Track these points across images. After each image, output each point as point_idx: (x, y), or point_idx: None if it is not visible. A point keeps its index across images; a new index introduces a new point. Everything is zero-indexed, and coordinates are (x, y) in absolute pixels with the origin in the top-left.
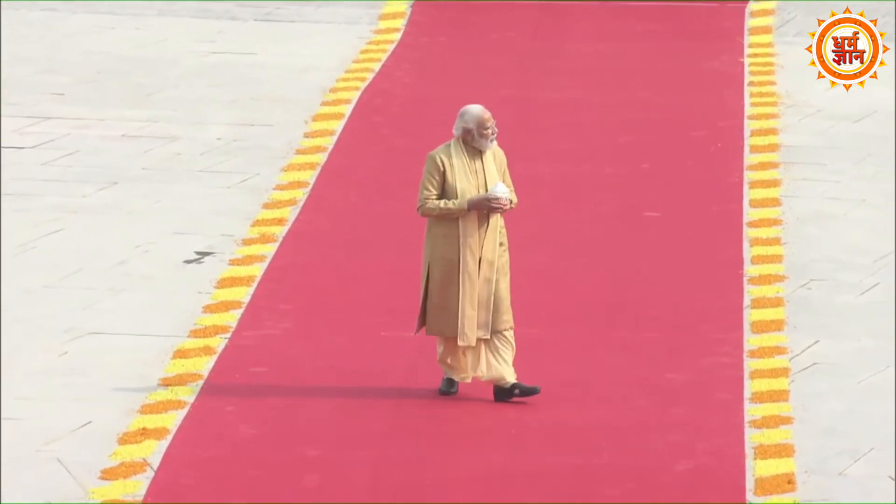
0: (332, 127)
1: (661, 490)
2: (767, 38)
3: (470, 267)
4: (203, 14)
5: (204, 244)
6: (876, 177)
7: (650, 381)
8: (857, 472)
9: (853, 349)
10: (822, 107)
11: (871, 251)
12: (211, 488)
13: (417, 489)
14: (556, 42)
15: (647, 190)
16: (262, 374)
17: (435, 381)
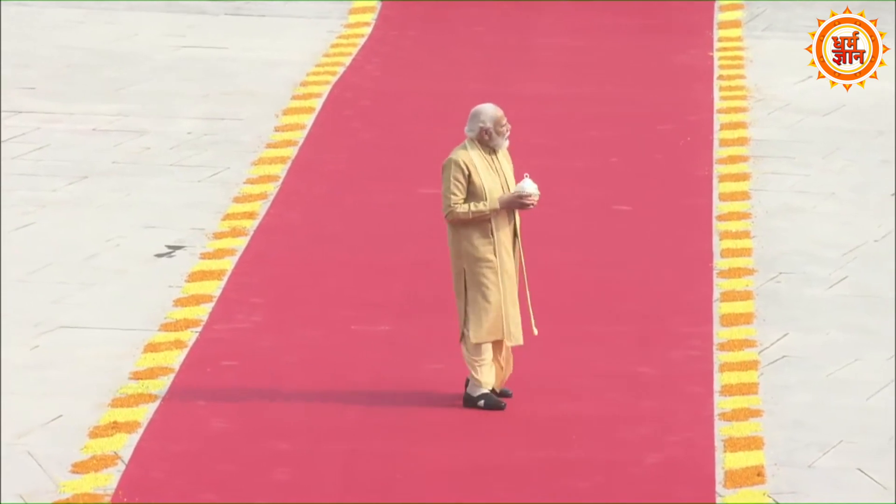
0: (303, 121)
1: (631, 483)
2: (737, 32)
3: (507, 266)
4: (173, 8)
5: (174, 238)
6: (844, 170)
7: (621, 374)
8: (826, 464)
9: (822, 342)
10: (790, 101)
11: (840, 244)
12: (182, 482)
13: (389, 483)
14: (526, 36)
15: (616, 184)
16: (233, 367)
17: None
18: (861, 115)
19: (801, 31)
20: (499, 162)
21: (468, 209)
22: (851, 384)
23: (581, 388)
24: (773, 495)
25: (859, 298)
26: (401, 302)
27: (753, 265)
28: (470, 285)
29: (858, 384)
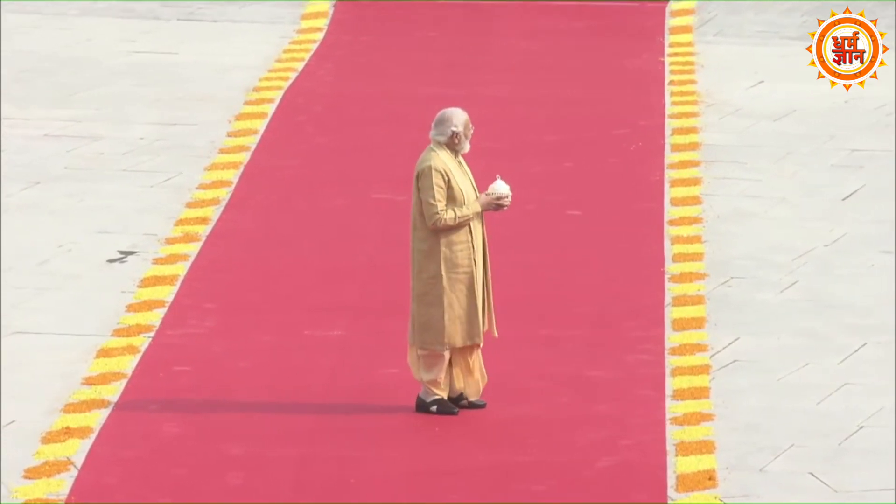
0: (256, 126)
1: (584, 486)
2: (688, 37)
3: (480, 269)
4: (126, 14)
5: (127, 243)
6: (795, 175)
7: (574, 378)
8: (778, 468)
9: (773, 346)
10: (741, 105)
11: (791, 249)
12: (135, 487)
13: (342, 487)
14: (481, 40)
15: (570, 188)
16: (185, 372)
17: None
18: (812, 119)
19: (752, 36)
20: (465, 165)
21: (454, 216)
22: (802, 388)
23: (534, 391)
24: (724, 499)
25: (810, 303)
26: (354, 306)
27: (705, 270)
28: (448, 290)
29: (809, 388)
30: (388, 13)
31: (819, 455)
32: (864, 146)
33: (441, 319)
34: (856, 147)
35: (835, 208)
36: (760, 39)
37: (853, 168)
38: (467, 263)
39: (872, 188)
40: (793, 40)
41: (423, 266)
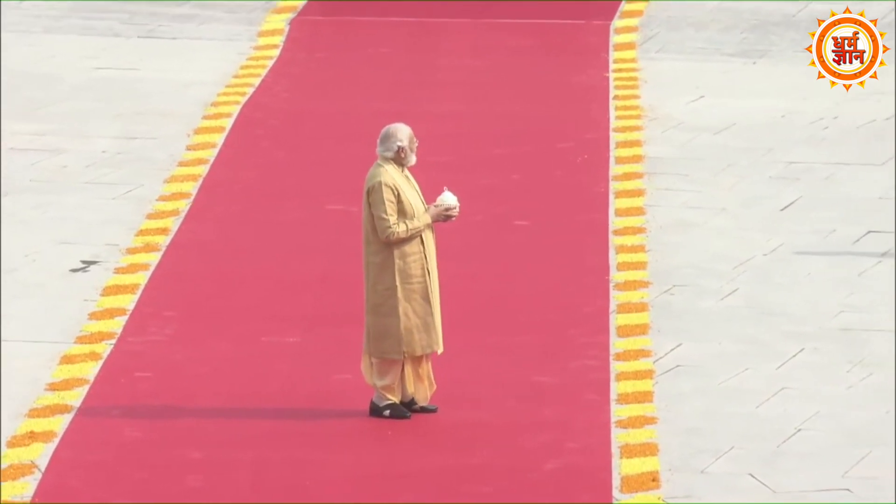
0: (214, 140)
1: (531, 488)
2: (631, 53)
3: (434, 278)
4: (88, 31)
5: (90, 253)
6: (735, 187)
7: (521, 383)
8: (719, 469)
9: (714, 352)
10: (683, 119)
11: (731, 258)
12: (97, 490)
13: (298, 489)
14: (431, 57)
15: (517, 199)
16: (146, 378)
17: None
18: (751, 132)
19: (693, 52)
20: (412, 178)
21: (406, 228)
22: (742, 392)
23: (483, 396)
24: (667, 499)
25: (749, 310)
26: (309, 314)
27: (648, 278)
28: (403, 300)
29: (749, 392)
30: (342, 31)
31: (758, 457)
32: (800, 159)
33: (398, 329)
34: (793, 160)
35: (773, 219)
36: (701, 56)
37: (790, 180)
38: (421, 274)
39: (809, 199)
40: (732, 57)
41: (378, 278)
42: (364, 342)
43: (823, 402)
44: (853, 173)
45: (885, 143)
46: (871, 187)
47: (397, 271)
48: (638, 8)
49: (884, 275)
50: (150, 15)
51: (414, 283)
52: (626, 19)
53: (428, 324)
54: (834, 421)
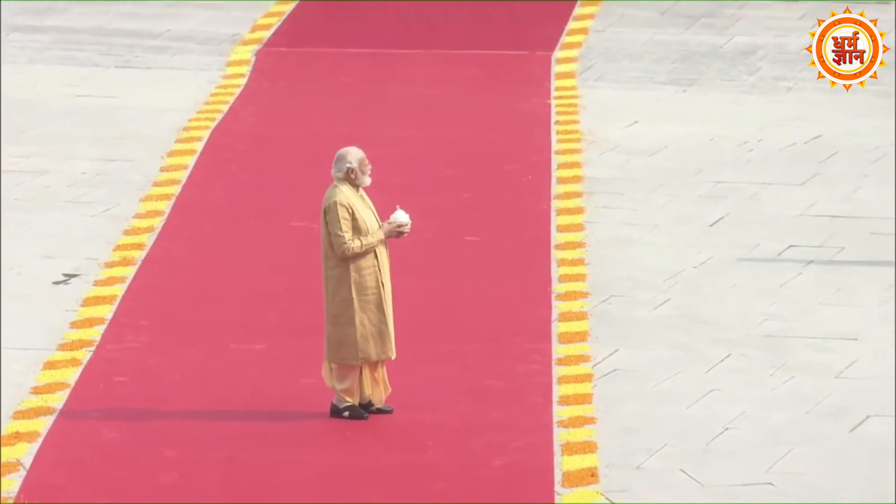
0: (186, 162)
1: (480, 484)
2: (571, 82)
3: (387, 290)
4: (69, 61)
5: (71, 267)
6: (667, 205)
7: (471, 387)
8: (652, 465)
9: (648, 357)
10: (619, 143)
11: (663, 271)
12: (78, 487)
13: (266, 486)
14: (387, 86)
15: (467, 217)
16: (123, 383)
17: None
18: (681, 155)
19: (628, 81)
20: (367, 197)
21: (360, 244)
22: (674, 395)
23: (436, 400)
24: (605, 494)
25: (680, 319)
26: (275, 324)
27: (587, 289)
28: (360, 311)
29: (680, 395)
30: (304, 62)
31: (689, 454)
32: (727, 179)
33: (355, 337)
34: (720, 180)
35: (702, 234)
36: (636, 85)
37: (718, 198)
38: (375, 285)
39: (735, 216)
40: (664, 85)
41: (336, 290)
42: (324, 349)
43: (748, 403)
44: (776, 192)
45: (805, 165)
46: (792, 205)
47: (353, 284)
48: (577, 40)
49: (804, 285)
50: (127, 46)
51: (369, 294)
52: (566, 51)
53: (382, 332)
54: (758, 421)
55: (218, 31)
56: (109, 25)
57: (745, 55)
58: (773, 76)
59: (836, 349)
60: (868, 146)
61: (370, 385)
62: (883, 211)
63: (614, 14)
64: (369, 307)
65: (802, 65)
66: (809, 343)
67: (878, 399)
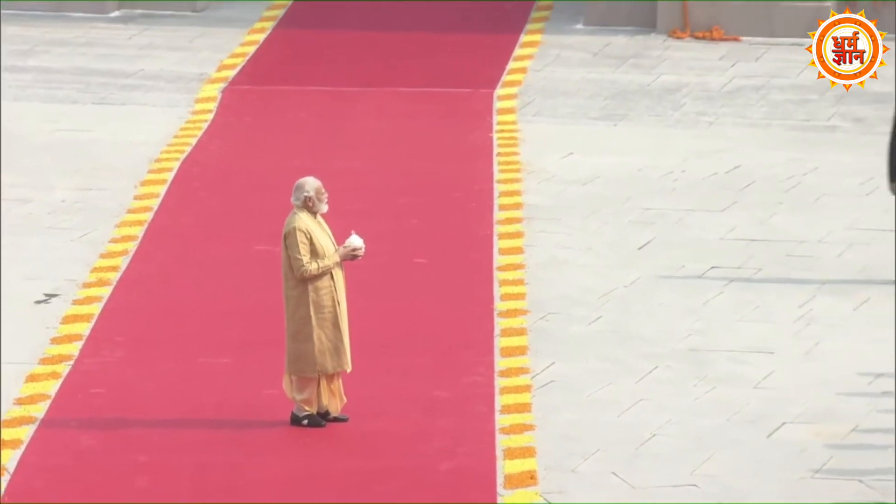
0: (157, 191)
1: (429, 486)
2: (512, 117)
3: (343, 308)
4: (49, 99)
5: (51, 287)
6: (599, 230)
7: (420, 398)
8: (587, 469)
9: (583, 369)
10: (556, 173)
11: (596, 290)
12: (58, 489)
13: (231, 488)
14: (342, 121)
15: (416, 241)
16: (100, 394)
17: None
18: (613, 184)
19: (564, 116)
20: (324, 223)
21: (318, 266)
22: (606, 404)
23: (388, 409)
24: (543, 495)
25: (612, 334)
26: (239, 339)
27: (527, 307)
28: (317, 327)
29: (612, 403)
30: (266, 99)
31: (620, 458)
32: (654, 206)
33: (313, 352)
34: (648, 207)
35: (631, 256)
36: (571, 119)
37: (646, 224)
38: (331, 304)
39: (661, 240)
40: (596, 120)
41: (295, 309)
42: (285, 363)
43: (674, 411)
44: (699, 218)
45: (726, 193)
46: (714, 230)
47: (311, 303)
48: (517, 79)
49: (724, 303)
50: (103, 84)
51: (326, 312)
52: (507, 88)
53: (338, 347)
54: (683, 428)
55: (187, 71)
56: (87, 65)
57: (670, 92)
58: (696, 112)
59: (754, 362)
60: (782, 176)
61: (327, 396)
62: (796, 234)
63: (551, 55)
64: (326, 324)
65: (722, 101)
66: (729, 356)
67: (792, 407)
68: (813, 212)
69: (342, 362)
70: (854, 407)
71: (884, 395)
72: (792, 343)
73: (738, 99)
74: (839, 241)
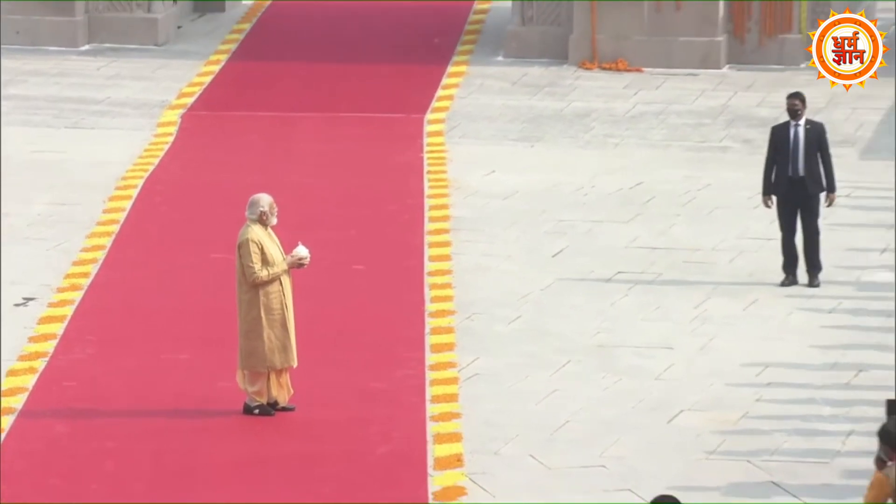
0: (124, 205)
1: (367, 467)
2: (440, 139)
3: (290, 310)
4: (27, 124)
5: (29, 291)
6: (518, 239)
7: (359, 389)
8: (507, 452)
9: (504, 363)
10: (480, 189)
11: (516, 293)
12: (36, 471)
13: (190, 471)
14: (288, 143)
15: (355, 249)
16: (72, 387)
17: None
18: (530, 198)
19: (487, 138)
20: (273, 234)
21: (268, 273)
22: (525, 394)
23: (330, 399)
24: (469, 475)
25: (530, 332)
26: (197, 337)
27: (454, 308)
28: (267, 327)
29: (530, 394)
30: (220, 123)
31: (537, 442)
32: (566, 218)
33: (263, 349)
34: (561, 218)
35: (547, 263)
36: (493, 141)
37: (559, 234)
38: (279, 307)
39: (573, 248)
40: (516, 142)
41: (248, 311)
42: (238, 358)
43: (584, 400)
44: (606, 228)
45: (630, 206)
46: (619, 239)
47: (262, 306)
48: (445, 105)
49: (629, 305)
50: (75, 111)
51: (275, 314)
52: (436, 113)
53: (286, 345)
54: (592, 415)
55: (150, 99)
56: (60, 94)
57: (580, 117)
58: (604, 134)
59: (655, 356)
60: (679, 191)
61: (276, 388)
62: (692, 243)
63: (475, 84)
64: (275, 324)
65: (627, 125)
66: (633, 351)
67: (689, 397)
68: (707, 223)
69: (289, 358)
70: (743, 396)
71: (769, 385)
72: (689, 339)
73: (641, 123)
74: (730, 248)
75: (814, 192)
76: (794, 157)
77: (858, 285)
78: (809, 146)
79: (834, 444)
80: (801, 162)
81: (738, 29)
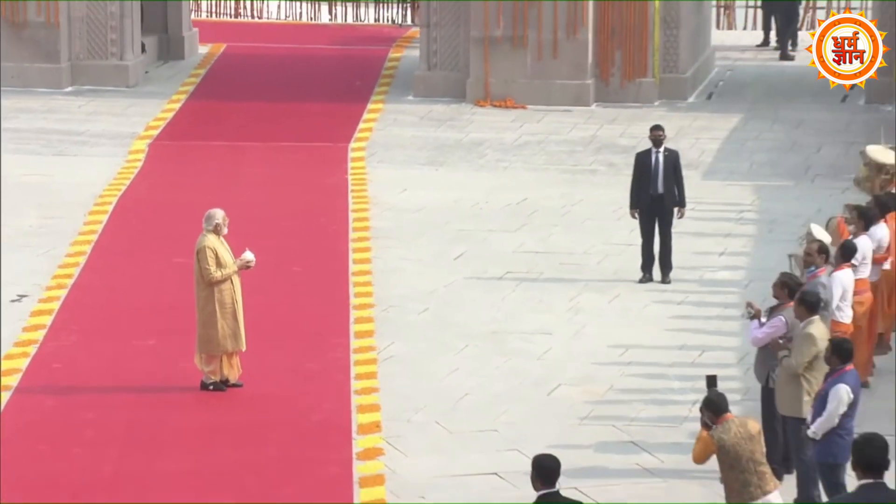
0: (101, 219)
1: (303, 433)
2: (362, 164)
3: (239, 305)
4: (19, 151)
5: (23, 290)
6: (427, 245)
7: (296, 368)
8: (418, 419)
9: (414, 348)
10: (395, 205)
11: (424, 290)
12: (29, 438)
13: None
14: (237, 167)
15: (293, 254)
16: (59, 368)
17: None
18: (436, 212)
19: (400, 162)
20: (225, 242)
21: (221, 274)
22: (431, 372)
23: (272, 377)
24: (386, 439)
25: (436, 321)
26: (162, 326)
27: (374, 301)
28: (220, 318)
29: (436, 372)
30: (182, 151)
31: (442, 412)
32: (466, 227)
33: (217, 336)
34: (461, 228)
35: (449, 265)
36: (405, 166)
37: (460, 241)
38: (231, 302)
39: (471, 253)
40: (424, 166)
41: (204, 305)
42: (196, 344)
43: (480, 377)
44: (498, 236)
45: (517, 218)
46: (508, 245)
47: (216, 301)
48: (365, 135)
49: (517, 298)
50: (59, 141)
51: (227, 307)
52: (358, 142)
53: (236, 332)
54: (487, 390)
55: (122, 130)
56: (47, 127)
57: (476, 146)
58: (496, 159)
59: (538, 341)
60: (557, 206)
61: (227, 368)
62: (567, 248)
63: (390, 118)
64: (227, 316)
65: (514, 152)
66: (520, 337)
67: (565, 374)
68: (580, 232)
69: (239, 343)
70: (609, 373)
71: (630, 363)
72: (565, 327)
73: (525, 150)
74: (598, 252)
75: (670, 206)
76: (654, 178)
77: (702, 282)
78: (667, 169)
79: (682, 412)
80: (660, 182)
81: (603, 74)
